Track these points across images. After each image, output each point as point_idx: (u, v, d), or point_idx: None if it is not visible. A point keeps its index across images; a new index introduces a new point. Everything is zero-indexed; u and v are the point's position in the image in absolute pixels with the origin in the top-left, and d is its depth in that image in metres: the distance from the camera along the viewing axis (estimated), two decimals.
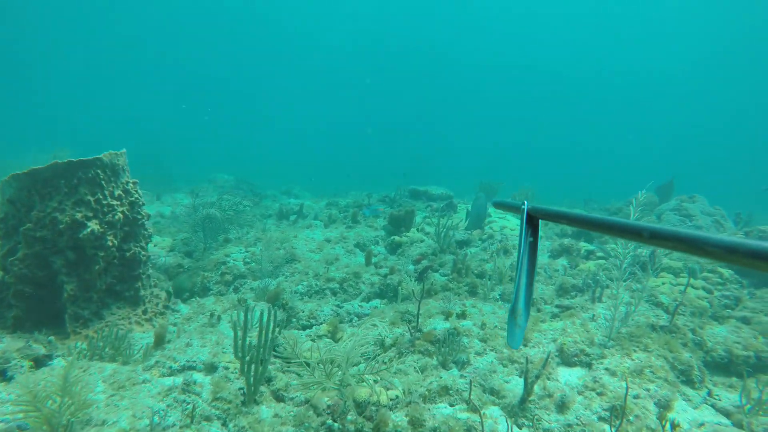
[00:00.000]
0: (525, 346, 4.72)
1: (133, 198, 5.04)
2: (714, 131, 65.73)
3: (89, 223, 4.48)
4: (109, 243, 4.65)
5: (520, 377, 4.31)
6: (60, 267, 4.47)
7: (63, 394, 2.85)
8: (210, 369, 4.41)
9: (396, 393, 3.81)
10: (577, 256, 7.68)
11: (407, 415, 3.53)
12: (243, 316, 3.93)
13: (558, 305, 5.65)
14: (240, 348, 3.89)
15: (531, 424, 3.76)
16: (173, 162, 29.85)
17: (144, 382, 3.75)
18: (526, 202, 1.06)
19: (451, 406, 3.87)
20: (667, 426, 3.66)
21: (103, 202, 4.67)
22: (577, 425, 3.75)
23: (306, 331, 5.12)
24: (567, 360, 4.55)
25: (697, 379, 4.56)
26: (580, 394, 4.10)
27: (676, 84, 60.26)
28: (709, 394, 4.52)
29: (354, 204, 11.91)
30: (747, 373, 4.99)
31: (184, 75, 64.27)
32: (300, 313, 5.31)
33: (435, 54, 64.75)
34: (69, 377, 2.89)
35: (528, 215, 1.04)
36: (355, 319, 5.56)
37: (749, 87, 55.19)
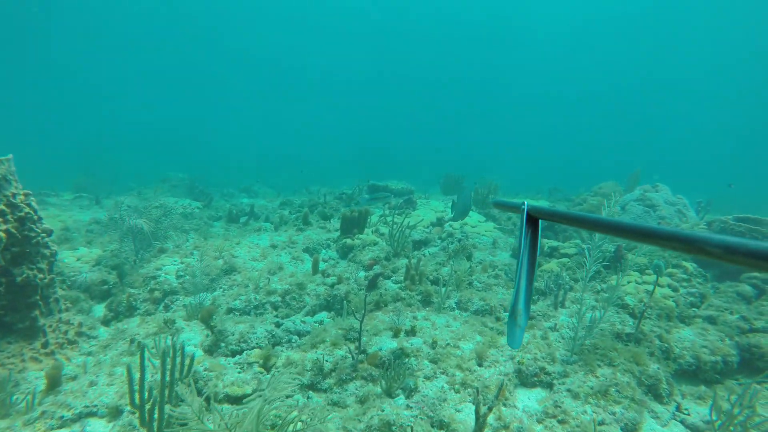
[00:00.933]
0: (480, 365, 4.24)
1: (23, 213, 4.29)
2: (678, 119, 67.33)
3: None
4: None
5: (473, 404, 3.83)
6: None
7: None
8: (114, 414, 3.76)
9: None
10: (540, 254, 7.28)
11: None
12: (140, 355, 3.27)
13: None
14: (139, 393, 3.25)
15: None
16: (128, 161, 28.44)
17: None
18: (526, 202, 1.06)
19: None
20: None
21: None
22: None
23: (236, 358, 4.50)
24: (526, 380, 4.09)
25: (665, 393, 4.18)
26: (539, 422, 3.64)
27: (642, 73, 61.41)
28: (678, 408, 4.15)
29: (309, 203, 11.25)
30: (714, 380, 4.67)
31: (150, 69, 61.42)
32: (229, 337, 4.68)
33: (395, 46, 64.17)
34: None
35: (528, 215, 1.03)
36: (296, 339, 4.97)
37: (711, 74, 56.63)
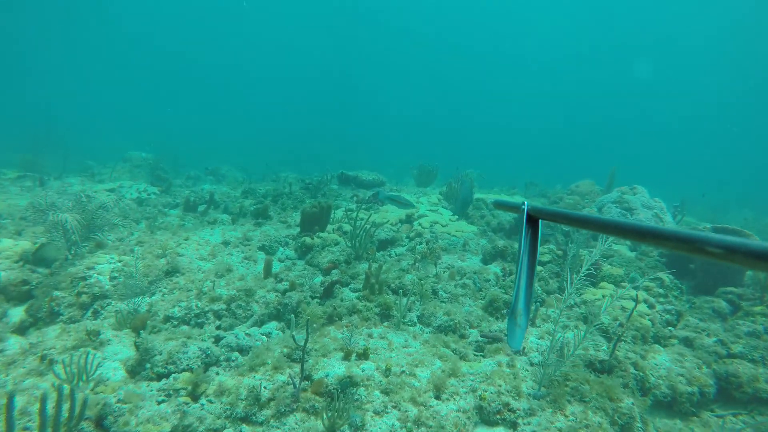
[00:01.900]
0: (437, 398, 3.77)
1: None
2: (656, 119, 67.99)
3: None
4: None
5: None
6: None
7: None
8: None
9: None
10: (512, 261, 6.86)
11: None
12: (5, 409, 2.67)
13: (483, 334, 4.74)
14: None
15: None
16: (90, 137, 26.99)
17: None
18: (526, 202, 1.04)
19: None
20: None
21: None
22: None
23: (161, 383, 3.93)
24: (487, 418, 3.63)
25: None
26: None
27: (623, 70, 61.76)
28: None
29: (273, 192, 10.58)
30: (690, 412, 4.33)
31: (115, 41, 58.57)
32: (156, 357, 4.09)
33: (369, 34, 63.29)
34: None
35: (528, 215, 1.03)
36: (236, 357, 4.41)
37: (693, 73, 57.31)
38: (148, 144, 27.72)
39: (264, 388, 3.74)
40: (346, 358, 4.22)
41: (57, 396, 3.13)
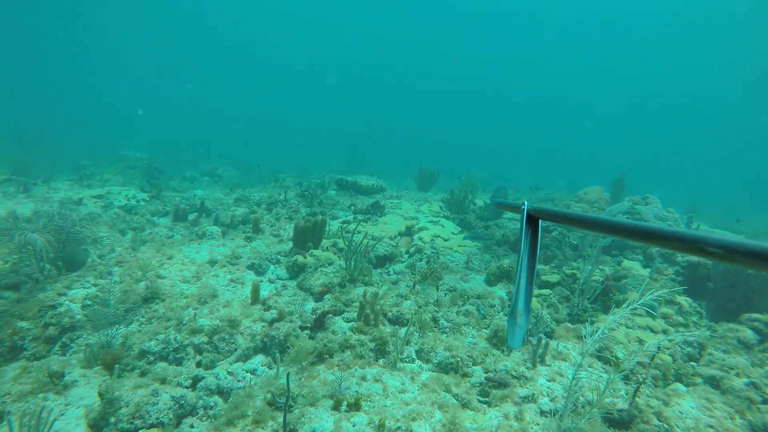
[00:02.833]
0: None
1: None
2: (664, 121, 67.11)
3: None
4: None
5: None
6: None
7: None
8: None
9: None
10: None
11: None
12: None
13: (488, 377, 4.28)
14: None
15: None
16: (88, 136, 26.52)
17: None
18: (526, 202, 1.06)
19: None
20: None
21: None
22: None
23: None
24: None
25: None
26: None
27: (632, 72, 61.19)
28: None
29: (267, 200, 10.11)
30: None
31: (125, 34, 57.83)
32: (121, 409, 3.65)
33: (370, 40, 62.92)
34: None
35: (528, 215, 1.04)
36: (215, 403, 3.97)
37: (705, 77, 56.58)
38: (150, 140, 27.31)
39: None
40: (336, 407, 3.77)
41: None
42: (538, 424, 3.75)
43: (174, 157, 24.33)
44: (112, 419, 3.63)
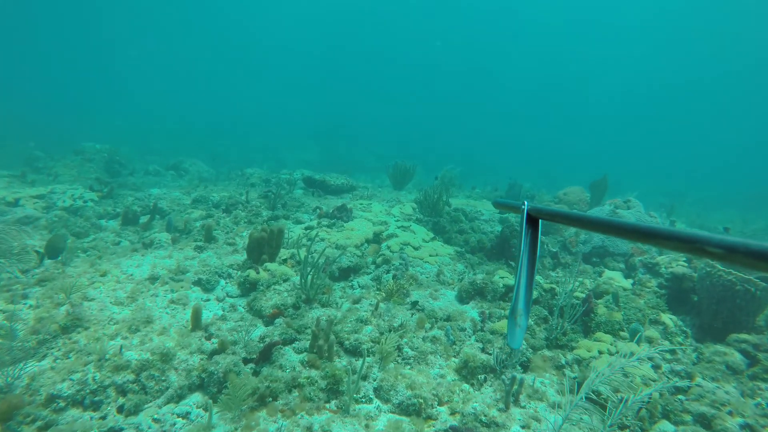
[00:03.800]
0: None
1: None
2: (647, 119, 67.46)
3: None
4: None
5: None
6: None
7: None
8: None
9: None
10: (493, 299, 5.86)
11: None
12: None
13: (453, 426, 3.72)
14: None
15: None
16: (50, 124, 25.12)
17: None
18: (526, 202, 1.04)
19: None
20: None
21: None
22: None
23: None
24: None
25: None
26: None
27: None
28: None
29: (228, 200, 9.38)
30: None
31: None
32: None
33: (351, 35, 62.06)
34: None
35: (528, 215, 1.03)
36: None
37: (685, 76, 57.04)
38: (123, 130, 25.99)
39: None
40: None
41: None
42: None
43: (144, 148, 23.20)
44: None
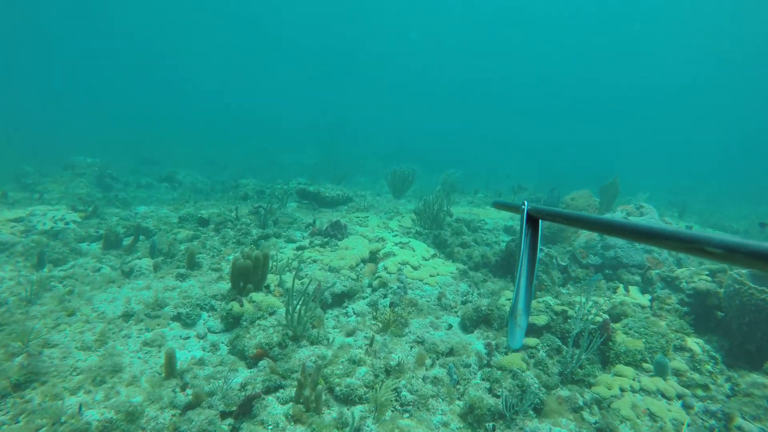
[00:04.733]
0: None
1: None
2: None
3: None
4: None
5: None
6: None
7: None
8: None
9: None
10: (499, 327, 5.32)
11: None
12: None
13: None
14: None
15: None
16: (48, 134, 24.80)
17: None
18: (526, 202, 1.04)
19: None
20: None
21: None
22: None
23: None
24: None
25: None
26: None
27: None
28: None
29: (218, 217, 8.87)
30: None
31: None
32: None
33: (352, 35, 61.45)
34: None
35: (528, 215, 1.02)
36: None
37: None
38: (119, 140, 25.56)
39: None
40: None
41: None
42: None
43: (140, 157, 22.77)
44: None
